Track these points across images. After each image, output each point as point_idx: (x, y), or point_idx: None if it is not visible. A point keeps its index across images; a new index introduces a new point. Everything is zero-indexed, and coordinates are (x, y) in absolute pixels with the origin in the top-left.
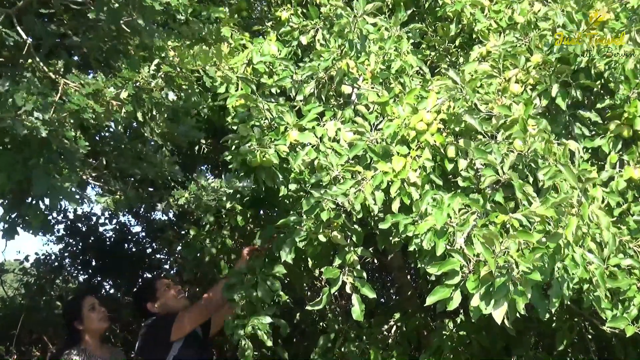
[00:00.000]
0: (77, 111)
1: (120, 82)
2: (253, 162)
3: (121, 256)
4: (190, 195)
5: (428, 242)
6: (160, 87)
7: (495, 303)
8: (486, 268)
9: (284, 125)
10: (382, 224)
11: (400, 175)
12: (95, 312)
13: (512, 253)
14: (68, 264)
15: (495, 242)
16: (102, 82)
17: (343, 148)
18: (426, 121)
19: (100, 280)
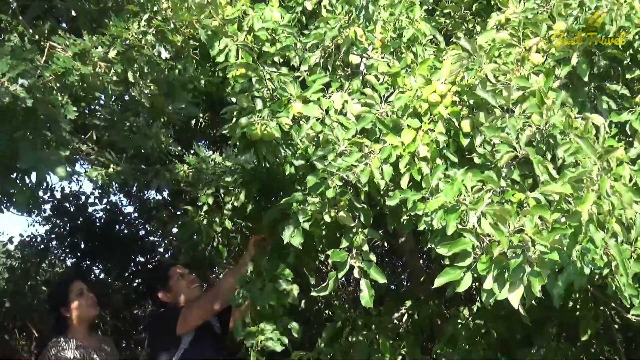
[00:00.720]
0: (63, 74)
1: (108, 40)
2: (253, 135)
3: (112, 238)
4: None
5: (438, 221)
6: (151, 44)
7: (510, 286)
8: (499, 248)
9: (287, 96)
10: (390, 200)
11: (410, 148)
12: (84, 298)
13: (528, 231)
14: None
15: (508, 220)
16: (89, 41)
17: (350, 121)
18: (440, 93)
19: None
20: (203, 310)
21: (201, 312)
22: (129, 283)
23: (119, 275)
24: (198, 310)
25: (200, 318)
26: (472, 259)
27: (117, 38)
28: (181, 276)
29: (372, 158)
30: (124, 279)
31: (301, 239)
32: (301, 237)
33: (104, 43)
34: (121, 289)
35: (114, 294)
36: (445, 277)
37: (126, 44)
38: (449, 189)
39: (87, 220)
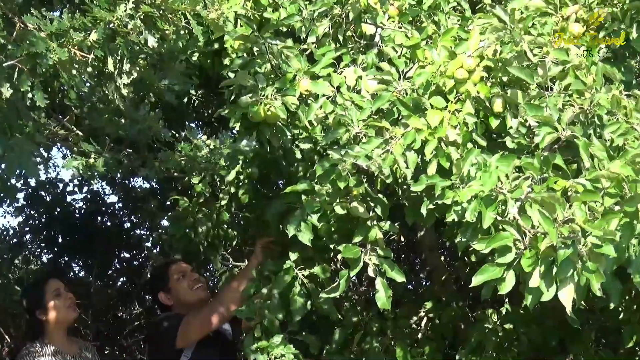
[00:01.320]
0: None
1: (90, 22)
2: (255, 116)
3: (93, 231)
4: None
5: (472, 213)
6: (138, 29)
7: (560, 283)
8: (547, 241)
9: (293, 72)
10: (415, 186)
11: (437, 132)
12: (61, 299)
13: (579, 220)
14: (29, 240)
15: (557, 208)
16: (68, 21)
17: (365, 100)
18: (467, 68)
19: (67, 260)
20: (204, 323)
21: (202, 325)
22: (113, 282)
23: (102, 273)
24: (199, 324)
25: (201, 332)
26: (513, 254)
27: (100, 21)
28: (182, 275)
29: (393, 144)
30: (107, 278)
31: (310, 234)
32: (310, 232)
33: (84, 25)
34: (104, 288)
35: (95, 294)
36: (484, 275)
37: (110, 28)
38: (486, 177)
39: (65, 211)
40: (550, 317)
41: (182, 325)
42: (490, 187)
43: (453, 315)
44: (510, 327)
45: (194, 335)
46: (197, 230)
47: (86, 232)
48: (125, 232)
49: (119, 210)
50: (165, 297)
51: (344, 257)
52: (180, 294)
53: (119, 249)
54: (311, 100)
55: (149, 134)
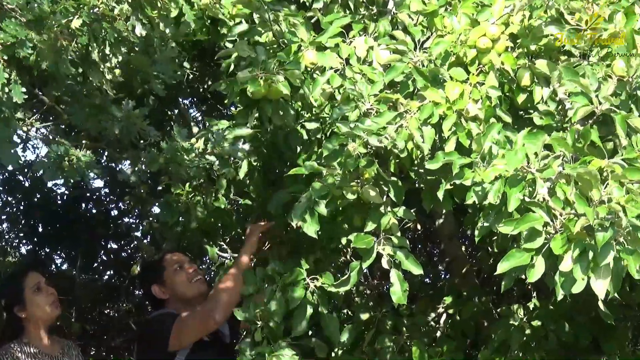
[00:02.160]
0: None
1: (72, 7)
2: (256, 92)
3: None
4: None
5: (496, 194)
6: (125, 15)
7: (595, 271)
8: (582, 222)
9: (297, 42)
10: (431, 163)
11: (457, 105)
12: (42, 295)
13: (618, 199)
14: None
15: (593, 186)
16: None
17: (376, 72)
18: (490, 36)
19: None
20: (202, 323)
21: (200, 326)
22: (99, 276)
23: (86, 265)
24: (196, 324)
25: (198, 333)
26: (543, 239)
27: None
28: (180, 266)
29: (408, 118)
30: (92, 271)
31: (317, 225)
32: (317, 223)
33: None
34: (89, 282)
35: (80, 289)
36: (511, 261)
37: (94, 13)
38: (512, 155)
39: (45, 197)
40: (582, 312)
41: (176, 325)
42: (516, 166)
43: (475, 311)
44: (538, 324)
45: (190, 337)
46: (192, 218)
47: (69, 220)
48: (112, 220)
49: (105, 196)
50: (160, 290)
51: (355, 247)
52: (177, 287)
53: (105, 239)
54: (317, 74)
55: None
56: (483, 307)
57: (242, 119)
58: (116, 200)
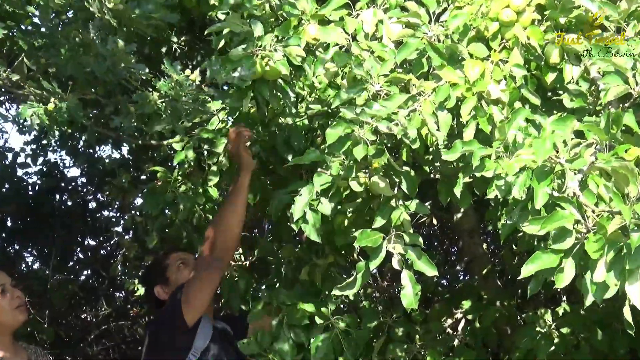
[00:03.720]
0: None
1: None
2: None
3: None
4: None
5: (521, 188)
6: None
7: (629, 275)
8: (616, 221)
9: (298, 16)
10: (448, 154)
11: (477, 87)
12: (7, 298)
13: None
14: None
15: (630, 181)
16: None
17: (387, 50)
18: (515, 8)
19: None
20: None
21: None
22: (75, 276)
23: (61, 264)
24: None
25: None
26: (574, 239)
27: None
28: (183, 264)
29: (422, 101)
30: (67, 270)
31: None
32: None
33: None
34: (64, 283)
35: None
36: (537, 263)
37: None
38: (539, 144)
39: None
40: (617, 319)
41: (183, 296)
42: (544, 157)
43: (497, 317)
44: (568, 331)
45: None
46: (179, 209)
47: (42, 213)
48: (90, 213)
49: (82, 187)
50: (162, 291)
51: (362, 245)
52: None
53: (82, 235)
54: (320, 51)
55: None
56: (506, 312)
57: (235, 102)
58: (94, 190)
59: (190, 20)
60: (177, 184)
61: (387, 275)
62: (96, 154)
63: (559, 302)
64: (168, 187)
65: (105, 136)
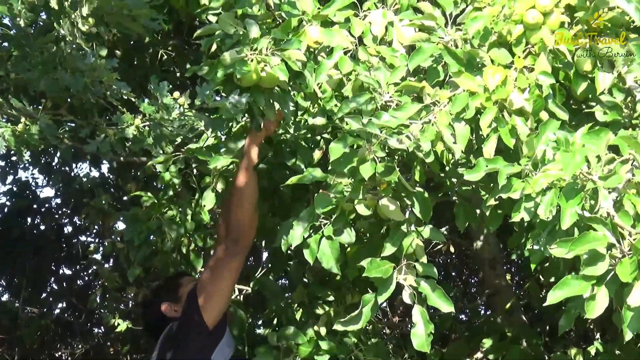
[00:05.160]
0: None
1: None
2: (245, 78)
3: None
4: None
5: (547, 207)
6: None
7: None
8: None
9: (298, 16)
10: (470, 173)
11: (497, 95)
12: None
13: None
14: None
15: None
16: None
17: (398, 55)
18: (542, 9)
19: None
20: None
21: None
22: (48, 309)
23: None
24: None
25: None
26: (607, 264)
27: None
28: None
29: (437, 112)
30: (40, 303)
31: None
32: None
33: None
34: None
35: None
36: (565, 290)
37: None
38: (568, 159)
39: None
40: None
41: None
42: (573, 172)
43: (522, 357)
44: None
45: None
46: (165, 237)
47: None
48: (65, 238)
49: (57, 208)
50: (171, 308)
51: (370, 276)
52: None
53: (56, 263)
54: (323, 57)
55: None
56: (532, 351)
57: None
58: (70, 213)
59: (178, 23)
60: (162, 209)
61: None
62: (72, 172)
63: (591, 340)
64: (153, 213)
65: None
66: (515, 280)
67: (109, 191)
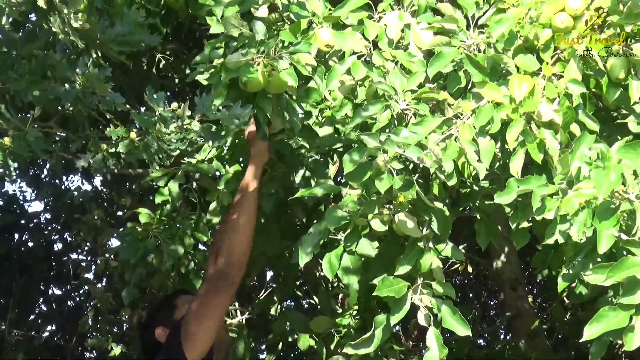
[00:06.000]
0: None
1: None
2: (251, 84)
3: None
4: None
5: (581, 228)
6: None
7: None
8: None
9: (308, 17)
10: (500, 196)
11: (525, 107)
12: None
13: None
14: None
15: None
16: None
17: (415, 60)
18: (572, 12)
19: None
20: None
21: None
22: (37, 332)
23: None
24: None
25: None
26: None
27: None
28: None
29: (459, 126)
30: (27, 325)
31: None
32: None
33: None
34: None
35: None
36: (603, 323)
37: None
38: (602, 176)
39: None
40: None
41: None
42: (608, 191)
43: None
44: None
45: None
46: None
47: None
48: (55, 256)
49: (46, 224)
50: (165, 333)
51: (382, 295)
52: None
53: (45, 283)
54: (334, 61)
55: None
56: None
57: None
58: (61, 229)
59: (177, 24)
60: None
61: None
62: (63, 185)
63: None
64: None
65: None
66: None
67: (102, 205)
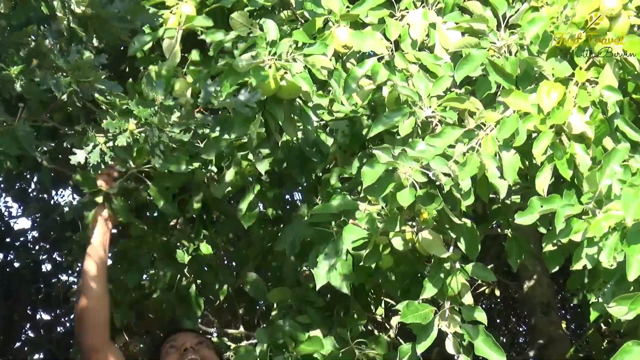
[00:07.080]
0: None
1: None
2: (262, 88)
3: None
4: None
5: (610, 253)
6: None
7: None
8: None
9: (324, 15)
10: (521, 216)
11: (554, 118)
12: None
13: None
14: None
15: None
16: None
17: (441, 63)
18: (608, 12)
19: None
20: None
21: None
22: None
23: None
24: None
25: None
26: None
27: None
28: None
29: (482, 137)
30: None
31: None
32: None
33: None
34: None
35: None
36: (630, 356)
37: None
38: (631, 197)
39: None
40: None
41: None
42: (638, 213)
43: None
44: None
45: None
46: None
47: None
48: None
49: (34, 243)
50: None
51: (407, 320)
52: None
53: (32, 307)
54: (353, 63)
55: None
56: None
57: (240, 128)
58: (49, 248)
59: None
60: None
61: None
62: (52, 200)
63: None
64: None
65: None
66: (572, 328)
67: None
